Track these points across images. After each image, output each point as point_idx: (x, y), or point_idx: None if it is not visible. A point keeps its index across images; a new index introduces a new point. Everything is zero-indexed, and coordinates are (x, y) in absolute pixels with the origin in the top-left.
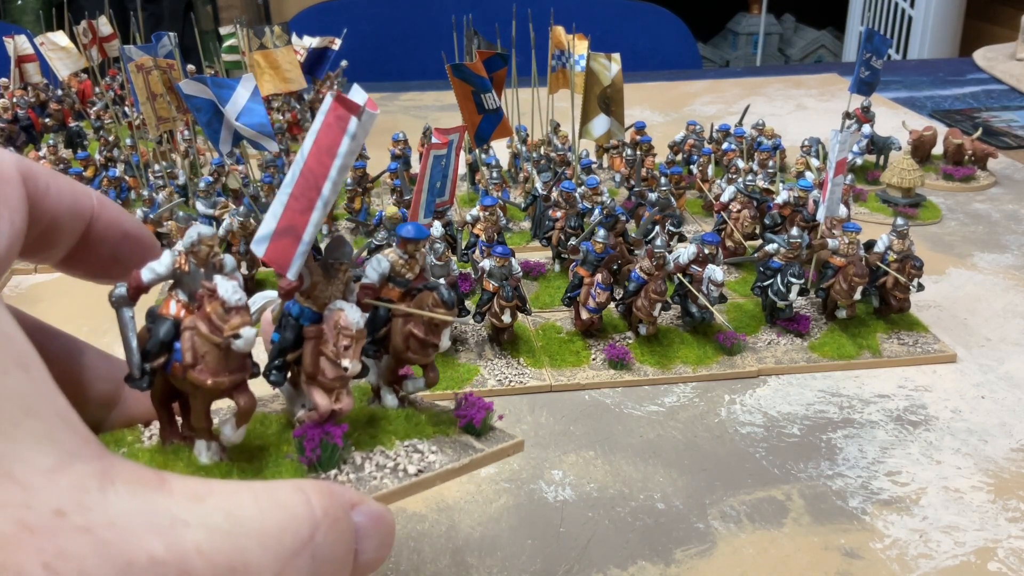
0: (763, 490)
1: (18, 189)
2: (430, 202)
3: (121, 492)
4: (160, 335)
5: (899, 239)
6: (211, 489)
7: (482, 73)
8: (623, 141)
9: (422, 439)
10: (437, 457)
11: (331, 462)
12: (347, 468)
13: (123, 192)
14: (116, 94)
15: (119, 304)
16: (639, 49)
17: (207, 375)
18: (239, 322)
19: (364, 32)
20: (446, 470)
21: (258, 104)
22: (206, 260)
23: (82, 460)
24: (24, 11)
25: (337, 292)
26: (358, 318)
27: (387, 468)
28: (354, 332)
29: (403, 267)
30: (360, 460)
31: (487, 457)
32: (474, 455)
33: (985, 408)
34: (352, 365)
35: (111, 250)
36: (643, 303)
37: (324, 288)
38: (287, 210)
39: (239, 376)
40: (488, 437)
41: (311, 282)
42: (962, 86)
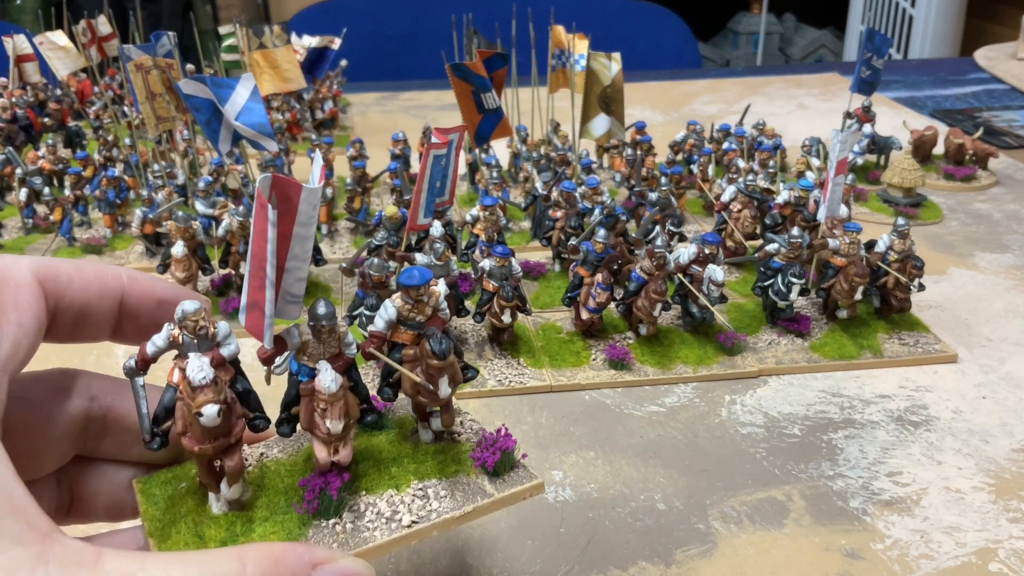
0: (764, 490)
1: (31, 292)
2: (430, 202)
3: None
4: (164, 402)
5: (900, 239)
6: (143, 566)
7: (482, 72)
8: (623, 141)
9: (440, 479)
10: (441, 504)
11: (330, 511)
12: (348, 517)
13: (122, 192)
14: (115, 94)
15: (130, 375)
16: (639, 48)
17: (193, 443)
18: (202, 400)
19: (364, 32)
20: (442, 520)
21: (257, 104)
22: (194, 332)
23: (22, 544)
24: (23, 10)
25: (332, 348)
26: (329, 382)
27: (385, 516)
28: (326, 396)
29: (411, 311)
30: (364, 507)
31: (495, 503)
32: (479, 503)
33: (986, 408)
34: (332, 426)
35: (150, 318)
36: (643, 303)
37: (317, 346)
38: (249, 287)
39: (223, 442)
40: (508, 477)
41: (301, 341)
42: (963, 86)
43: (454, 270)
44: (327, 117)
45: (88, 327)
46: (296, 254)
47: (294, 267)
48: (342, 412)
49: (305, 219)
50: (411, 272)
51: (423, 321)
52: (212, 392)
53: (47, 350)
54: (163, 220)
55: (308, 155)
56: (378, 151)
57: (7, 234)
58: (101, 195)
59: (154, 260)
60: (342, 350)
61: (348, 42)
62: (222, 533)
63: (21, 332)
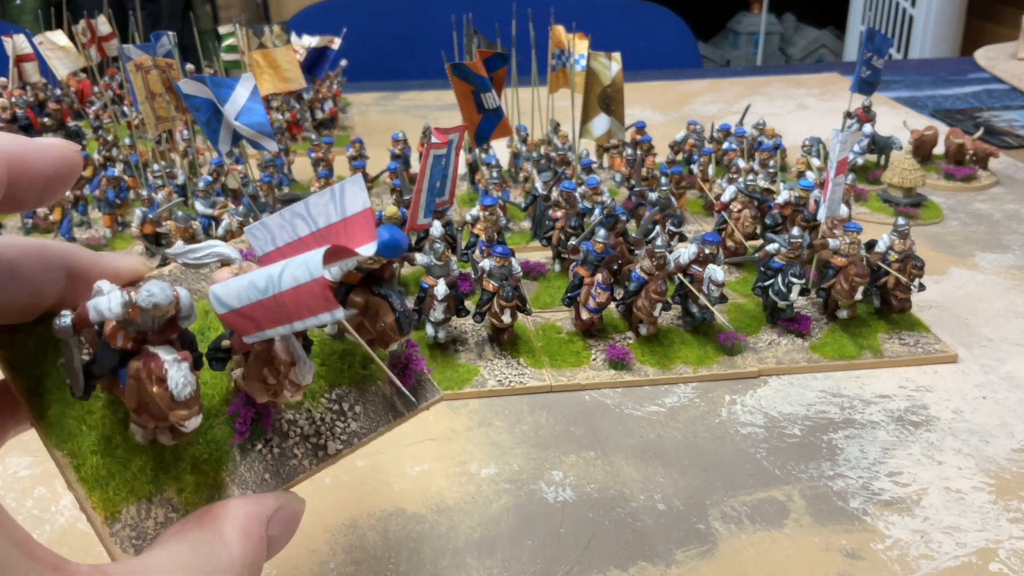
0: (764, 491)
1: None
2: (430, 202)
3: None
4: (107, 363)
5: (900, 239)
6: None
7: (482, 72)
8: (623, 141)
9: (350, 387)
10: (358, 424)
11: (257, 435)
12: (273, 438)
13: (122, 192)
14: (115, 93)
15: (64, 335)
16: (639, 48)
17: (149, 420)
18: (186, 414)
19: (364, 32)
20: (361, 443)
21: (257, 103)
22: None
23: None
24: (23, 10)
25: None
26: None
27: (311, 441)
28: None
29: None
30: (286, 426)
31: (405, 420)
32: (392, 422)
33: (986, 408)
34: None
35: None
36: (643, 303)
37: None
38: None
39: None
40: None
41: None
42: (963, 86)
43: (454, 270)
44: (327, 117)
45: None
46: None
47: None
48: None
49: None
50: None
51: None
52: (195, 403)
53: None
54: (163, 220)
55: (308, 155)
56: (378, 151)
57: (7, 234)
58: (101, 195)
59: (154, 260)
60: None
61: (348, 42)
62: (150, 462)
63: None
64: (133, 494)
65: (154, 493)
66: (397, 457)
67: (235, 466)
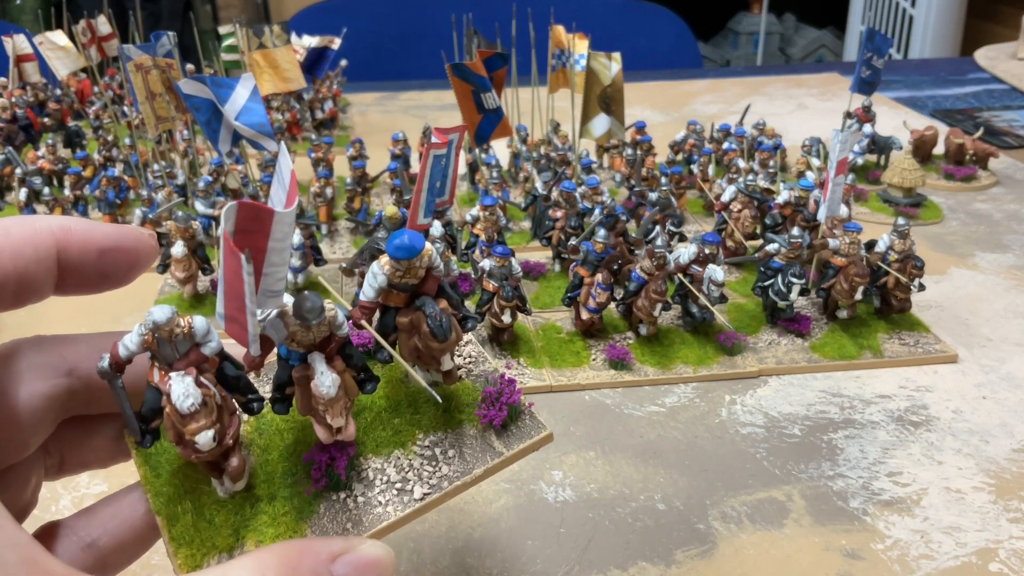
0: (764, 491)
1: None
2: (430, 202)
3: None
4: (149, 402)
5: (900, 239)
6: None
7: (482, 72)
8: (623, 141)
9: (445, 432)
10: (450, 468)
11: (339, 485)
12: (357, 488)
13: (122, 192)
14: (115, 93)
15: (106, 377)
16: (639, 48)
17: (189, 453)
18: (195, 428)
19: (364, 31)
20: (453, 488)
21: (257, 103)
22: (170, 339)
23: None
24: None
25: (321, 333)
26: (328, 387)
27: (396, 486)
28: (324, 400)
29: (402, 276)
30: (372, 474)
31: (505, 461)
32: (489, 464)
33: (986, 408)
34: (336, 423)
35: (94, 269)
36: (643, 303)
37: (305, 333)
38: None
39: (220, 448)
40: (515, 428)
41: (288, 333)
42: (963, 86)
43: (454, 270)
44: (327, 117)
45: (29, 292)
46: (274, 261)
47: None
48: (343, 409)
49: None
50: (400, 240)
51: (415, 284)
52: (203, 417)
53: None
54: (163, 220)
55: (308, 155)
56: (378, 151)
57: None
58: (101, 195)
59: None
60: (333, 332)
61: (348, 42)
62: (232, 517)
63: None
64: (215, 548)
65: (234, 546)
66: None
67: (317, 517)
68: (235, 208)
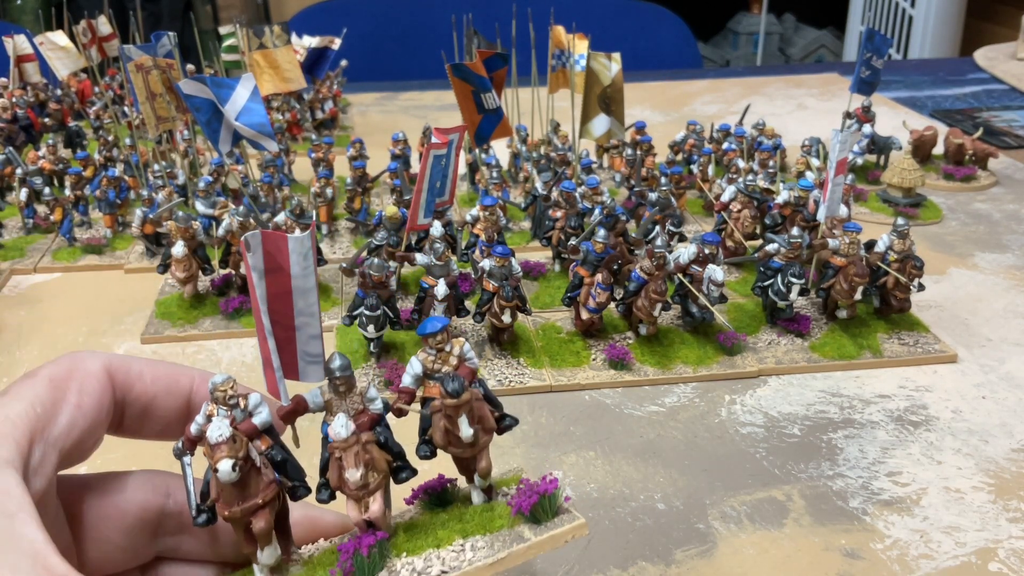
0: (763, 490)
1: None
2: (430, 202)
3: None
4: (207, 478)
5: (900, 239)
6: None
7: (482, 73)
8: (623, 141)
9: (484, 534)
10: (475, 554)
11: (364, 571)
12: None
13: (122, 192)
14: (115, 94)
15: (178, 455)
16: (639, 49)
17: (223, 508)
18: (217, 456)
19: (364, 32)
20: (473, 568)
21: (258, 104)
22: (225, 402)
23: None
24: (23, 11)
25: (355, 405)
26: (339, 428)
27: (418, 571)
28: (337, 444)
29: (435, 362)
30: (400, 567)
31: (531, 548)
32: (513, 548)
33: (986, 408)
34: (351, 475)
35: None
36: (643, 303)
37: (339, 403)
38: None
39: (251, 504)
40: (550, 523)
41: (324, 401)
42: (963, 86)
43: (454, 270)
44: (327, 117)
45: (155, 422)
46: (302, 309)
47: (304, 323)
48: (359, 460)
49: (300, 271)
50: (426, 322)
51: (449, 372)
52: (227, 448)
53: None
54: (163, 220)
55: (308, 155)
56: (378, 151)
57: (8, 234)
58: (101, 195)
59: (154, 260)
60: (365, 406)
61: (348, 42)
62: None
63: (79, 413)
64: None
65: None
66: None
67: None
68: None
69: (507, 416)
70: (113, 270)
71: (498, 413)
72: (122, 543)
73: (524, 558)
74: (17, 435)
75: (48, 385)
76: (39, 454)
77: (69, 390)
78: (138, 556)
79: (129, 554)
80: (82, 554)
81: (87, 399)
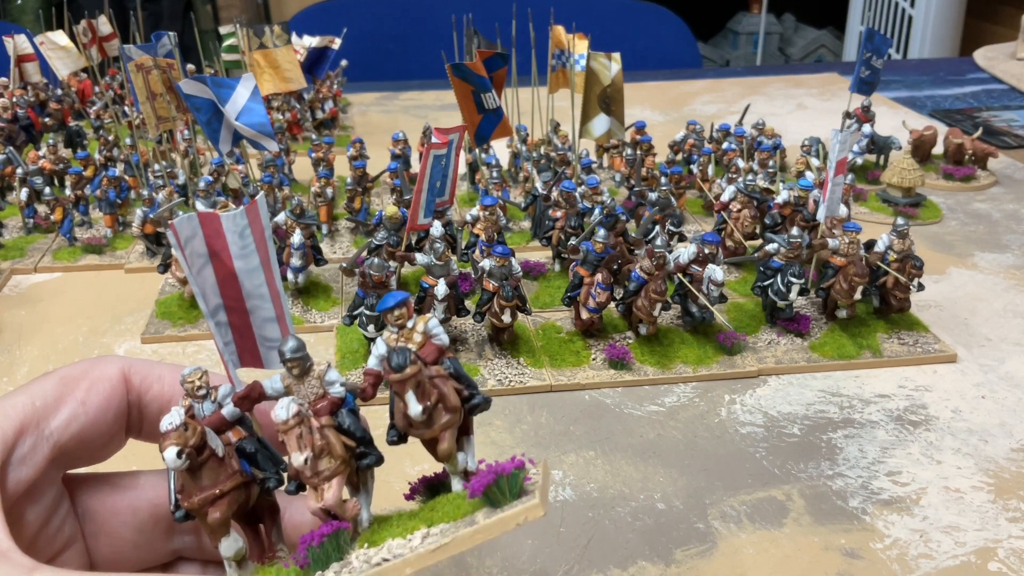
0: (763, 490)
1: (111, 383)
2: (430, 202)
3: None
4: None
5: (899, 239)
6: None
7: (482, 72)
8: (623, 141)
9: (448, 523)
10: (424, 542)
11: (319, 562)
12: (335, 567)
13: (123, 192)
14: (116, 93)
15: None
16: (639, 49)
17: (184, 499)
18: (164, 444)
19: (364, 31)
20: (415, 555)
21: (258, 104)
22: (194, 394)
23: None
24: (24, 10)
25: (314, 389)
26: (279, 410)
27: (369, 561)
28: (277, 425)
29: (399, 340)
30: (354, 558)
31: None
32: (457, 533)
33: (985, 408)
34: (295, 459)
35: None
36: (643, 303)
37: (299, 388)
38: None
39: (208, 495)
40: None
41: (284, 386)
42: (962, 86)
43: (454, 270)
44: (327, 117)
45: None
46: (250, 291)
47: (255, 307)
48: (304, 443)
49: (239, 250)
50: (386, 297)
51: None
52: (174, 436)
53: None
54: (164, 220)
55: (308, 155)
56: (378, 151)
57: (8, 234)
58: (102, 195)
59: (154, 260)
60: (325, 389)
61: (348, 42)
62: None
63: (81, 409)
64: None
65: None
66: (397, 457)
67: None
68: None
69: (476, 394)
70: (113, 270)
71: (467, 392)
72: (135, 540)
73: (471, 543)
74: (5, 426)
75: (58, 382)
76: (28, 444)
77: (78, 388)
78: (155, 554)
79: (144, 552)
80: (94, 550)
81: (94, 397)
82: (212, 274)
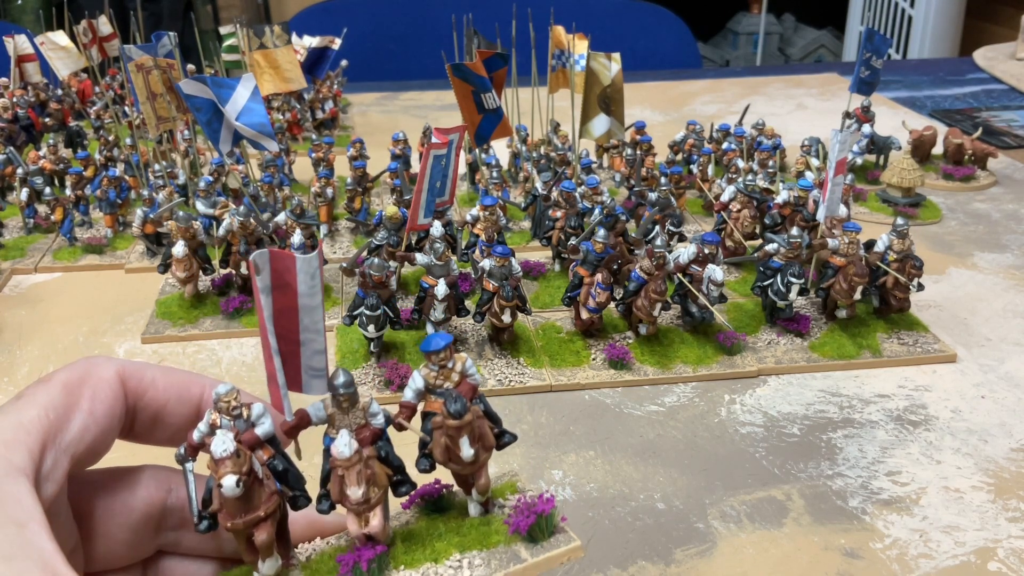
0: (763, 490)
1: (111, 387)
2: (430, 202)
3: None
4: (209, 485)
5: (899, 239)
6: None
7: (482, 73)
8: (623, 141)
9: (482, 550)
10: (473, 572)
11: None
12: None
13: (123, 192)
14: (116, 94)
15: (180, 461)
16: (639, 49)
17: (226, 519)
18: (222, 472)
19: (364, 32)
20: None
21: (258, 104)
22: (228, 412)
23: None
24: (24, 10)
25: (357, 420)
26: (342, 447)
27: None
28: (339, 462)
29: (437, 378)
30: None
31: (528, 569)
32: (509, 569)
33: (985, 408)
34: (352, 493)
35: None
36: (643, 303)
37: (342, 418)
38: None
39: (253, 517)
40: (547, 542)
41: (327, 415)
42: (962, 86)
43: (454, 270)
44: (327, 117)
45: (165, 428)
46: (307, 326)
47: (308, 339)
48: (361, 478)
49: (307, 289)
50: (429, 339)
51: (452, 388)
52: (231, 464)
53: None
54: (164, 220)
55: (308, 155)
56: (378, 151)
57: (8, 234)
58: (102, 195)
59: (155, 260)
60: (368, 420)
61: (348, 42)
62: None
63: (91, 419)
64: None
65: None
66: None
67: None
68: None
69: (506, 433)
70: (114, 270)
71: (497, 430)
72: (127, 538)
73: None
74: (30, 442)
75: (62, 391)
76: (51, 460)
77: (82, 396)
78: (141, 551)
79: (133, 549)
80: (88, 551)
81: (100, 405)
82: (270, 305)
